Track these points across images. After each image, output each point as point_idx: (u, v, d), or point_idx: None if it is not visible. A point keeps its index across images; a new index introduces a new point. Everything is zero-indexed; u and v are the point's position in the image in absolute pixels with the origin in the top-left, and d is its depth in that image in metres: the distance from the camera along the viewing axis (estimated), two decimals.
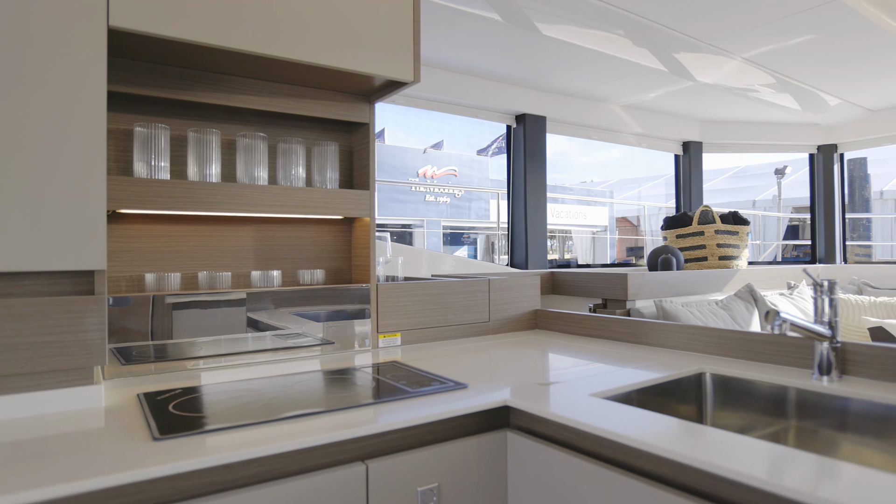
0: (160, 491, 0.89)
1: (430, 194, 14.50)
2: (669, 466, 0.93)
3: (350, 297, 1.78)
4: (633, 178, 19.09)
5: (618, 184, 19.13)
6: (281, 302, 1.67)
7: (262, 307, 1.64)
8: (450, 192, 14.83)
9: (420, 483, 1.09)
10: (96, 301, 1.17)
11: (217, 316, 1.57)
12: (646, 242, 11.24)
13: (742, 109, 3.70)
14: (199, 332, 1.54)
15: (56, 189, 1.12)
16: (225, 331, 1.58)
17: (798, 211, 9.85)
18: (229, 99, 1.60)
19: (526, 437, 1.17)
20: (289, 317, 1.68)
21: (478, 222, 15.19)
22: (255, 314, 1.63)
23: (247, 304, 1.62)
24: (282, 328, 1.67)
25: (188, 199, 1.51)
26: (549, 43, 2.54)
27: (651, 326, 1.77)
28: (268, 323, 1.65)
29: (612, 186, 19.16)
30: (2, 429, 1.03)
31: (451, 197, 15.08)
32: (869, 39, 2.56)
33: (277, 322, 1.66)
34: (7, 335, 1.09)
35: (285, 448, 0.96)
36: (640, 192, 16.65)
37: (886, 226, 8.75)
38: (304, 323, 1.70)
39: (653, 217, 12.54)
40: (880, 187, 9.80)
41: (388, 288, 1.85)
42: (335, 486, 1.00)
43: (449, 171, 15.56)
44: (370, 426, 1.04)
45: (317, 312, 1.73)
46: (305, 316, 1.71)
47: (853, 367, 1.32)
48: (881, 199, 9.79)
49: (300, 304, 1.70)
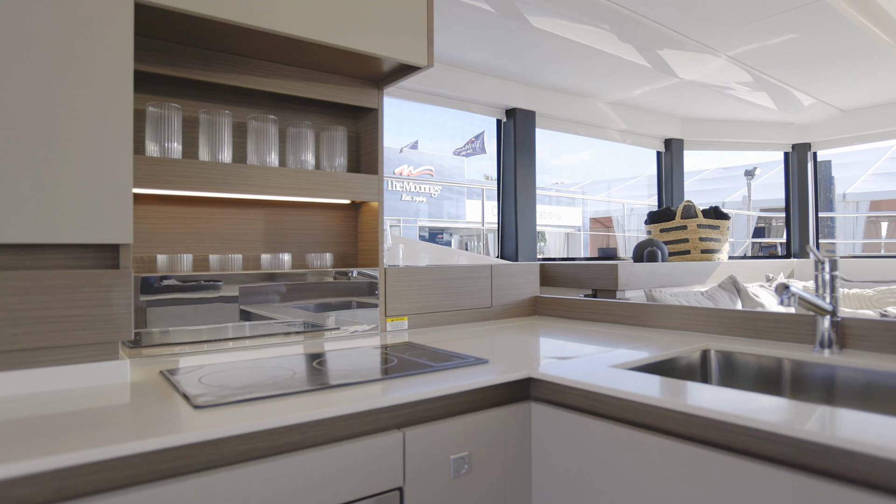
0: (208, 456, 0.90)
1: (406, 193, 14.49)
2: (698, 424, 0.98)
3: (358, 280, 1.79)
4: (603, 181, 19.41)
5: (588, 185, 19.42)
6: (291, 285, 1.67)
7: (274, 289, 1.64)
8: (426, 191, 14.85)
9: (452, 451, 1.12)
10: (122, 275, 1.17)
11: (228, 298, 1.57)
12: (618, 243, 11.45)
13: (721, 108, 3.82)
14: (207, 314, 1.54)
15: (84, 162, 1.11)
16: (232, 313, 1.58)
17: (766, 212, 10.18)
18: (243, 80, 1.60)
19: (549, 406, 1.21)
20: (297, 299, 1.69)
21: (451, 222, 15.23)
22: (264, 296, 1.63)
23: (258, 286, 1.62)
24: (290, 311, 1.67)
25: (202, 180, 1.51)
26: (539, 36, 2.58)
27: (652, 309, 1.83)
28: (276, 305, 1.65)
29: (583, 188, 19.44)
30: (39, 401, 1.02)
31: (427, 197, 15.09)
32: (846, 40, 2.69)
33: (286, 305, 1.66)
34: (36, 307, 1.08)
35: (329, 414, 0.97)
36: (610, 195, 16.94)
37: (849, 225, 9.14)
38: (311, 306, 1.71)
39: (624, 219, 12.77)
40: (843, 190, 10.20)
41: (396, 272, 1.87)
42: (374, 452, 1.02)
43: (425, 170, 15.58)
44: (408, 393, 1.06)
45: (325, 295, 1.73)
46: (313, 299, 1.71)
47: (852, 340, 1.39)
48: (843, 202, 10.19)
49: (310, 287, 1.70)
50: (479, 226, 12.69)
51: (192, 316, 1.51)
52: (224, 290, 1.56)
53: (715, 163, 13.64)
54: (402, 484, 1.05)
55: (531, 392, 1.28)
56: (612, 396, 1.10)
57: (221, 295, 1.55)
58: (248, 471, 0.91)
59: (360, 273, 1.80)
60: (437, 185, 15.37)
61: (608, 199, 15.25)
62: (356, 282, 1.79)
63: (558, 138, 2.94)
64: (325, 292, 1.73)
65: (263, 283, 1.63)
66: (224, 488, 0.88)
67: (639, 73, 3.14)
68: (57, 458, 0.76)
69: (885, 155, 11.97)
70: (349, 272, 1.78)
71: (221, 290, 1.56)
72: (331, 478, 0.98)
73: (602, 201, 16.26)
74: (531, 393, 1.28)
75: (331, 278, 1.75)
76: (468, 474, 1.13)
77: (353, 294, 1.78)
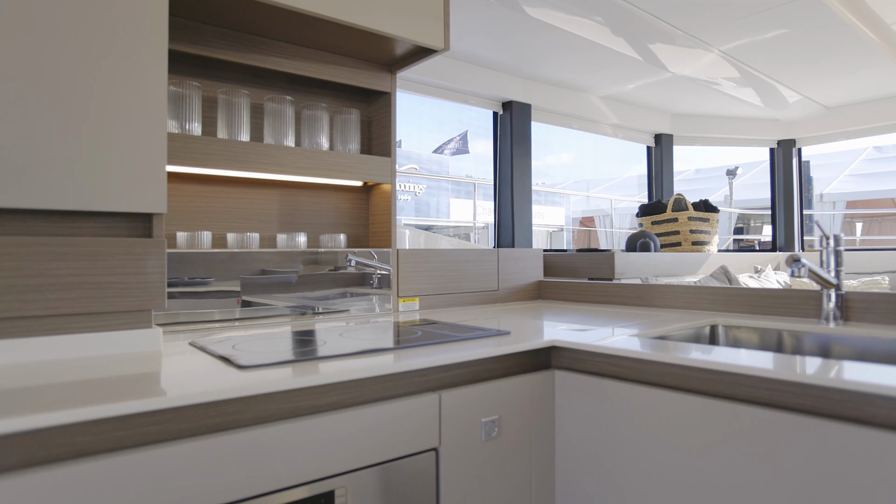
0: (255, 412, 0.92)
1: None
2: (721, 381, 1.02)
3: (371, 261, 1.82)
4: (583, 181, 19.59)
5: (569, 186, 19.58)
6: (306, 264, 1.69)
7: (291, 268, 1.66)
8: (411, 189, 14.86)
9: (483, 415, 1.15)
10: (156, 244, 1.18)
11: (244, 276, 1.58)
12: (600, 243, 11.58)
13: (710, 104, 3.92)
14: (221, 293, 1.55)
15: (121, 132, 1.12)
16: (250, 290, 1.59)
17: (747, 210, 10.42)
18: (263, 60, 1.62)
19: (572, 373, 1.25)
20: (312, 279, 1.71)
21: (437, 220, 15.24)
22: (282, 276, 1.65)
23: (276, 265, 1.63)
24: (305, 290, 1.69)
25: (221, 157, 1.52)
26: (536, 28, 2.62)
27: (657, 289, 1.89)
28: (292, 284, 1.67)
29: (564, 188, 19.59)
30: (80, 365, 1.03)
31: (412, 195, 15.10)
32: (833, 36, 2.78)
33: (301, 284, 1.68)
34: (73, 273, 1.09)
35: (371, 373, 1.00)
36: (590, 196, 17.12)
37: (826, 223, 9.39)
38: (326, 285, 1.73)
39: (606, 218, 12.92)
40: (821, 190, 10.47)
41: (408, 254, 1.90)
42: (413, 411, 1.05)
43: (410, 168, 15.59)
44: (443, 356, 1.09)
45: (339, 275, 1.76)
46: (328, 279, 1.74)
47: (854, 313, 1.46)
48: (821, 202, 10.46)
49: (324, 267, 1.73)
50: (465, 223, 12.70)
51: (207, 295, 1.52)
52: (241, 268, 1.57)
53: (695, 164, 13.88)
54: (437, 445, 1.09)
55: (552, 362, 1.32)
56: (636, 359, 1.14)
57: (235, 271, 1.57)
58: (293, 426, 0.93)
59: (374, 253, 1.82)
60: (421, 184, 15.39)
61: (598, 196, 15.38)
62: (369, 262, 1.81)
63: (537, 140, 2.98)
64: (339, 272, 1.75)
65: (280, 261, 1.64)
66: (269, 444, 0.91)
67: (632, 67, 3.21)
68: (118, 405, 0.78)
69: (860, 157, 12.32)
70: (363, 252, 1.80)
71: (238, 269, 1.57)
72: (371, 437, 1.01)
73: (594, 197, 16.40)
74: (552, 362, 1.32)
75: (344, 259, 1.77)
76: (498, 437, 1.17)
77: (367, 274, 1.81)
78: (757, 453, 0.96)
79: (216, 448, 0.86)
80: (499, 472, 1.17)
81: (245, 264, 1.58)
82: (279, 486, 0.91)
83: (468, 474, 1.13)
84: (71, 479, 0.75)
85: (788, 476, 0.92)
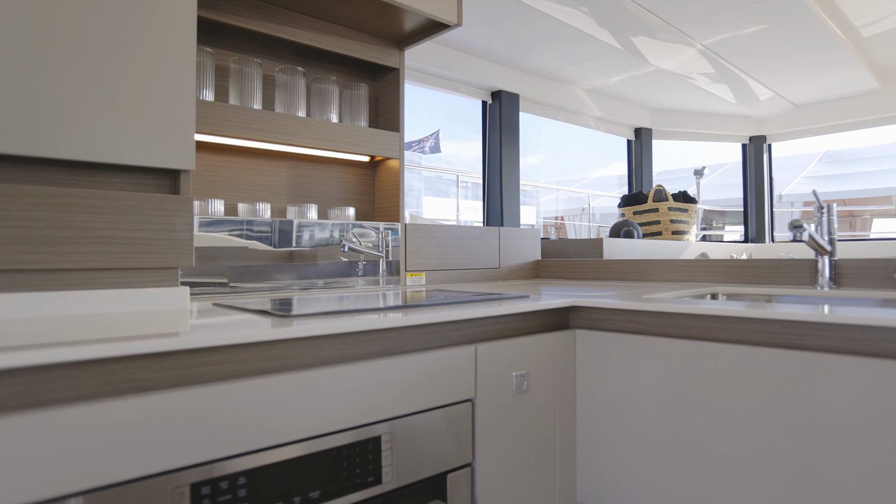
0: (303, 357, 0.93)
1: None
2: (741, 329, 1.08)
3: (379, 235, 1.83)
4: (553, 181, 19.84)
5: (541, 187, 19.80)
6: (315, 236, 1.69)
7: (301, 239, 1.66)
8: None
9: (514, 369, 1.18)
10: (184, 201, 1.17)
11: (254, 246, 1.58)
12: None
13: (687, 100, 4.05)
14: (234, 260, 1.54)
15: (152, 87, 1.11)
16: (261, 258, 1.59)
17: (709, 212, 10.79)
18: (276, 29, 1.61)
19: (592, 331, 1.29)
20: (318, 252, 1.71)
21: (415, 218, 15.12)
22: (288, 248, 1.64)
23: (286, 236, 1.63)
24: (311, 261, 1.69)
25: (234, 125, 1.52)
26: (526, 15, 2.65)
27: (657, 264, 1.96)
28: (304, 253, 1.66)
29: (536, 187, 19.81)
30: (114, 320, 1.02)
31: None
32: (808, 34, 2.92)
33: (308, 256, 1.68)
34: (103, 227, 1.07)
35: (415, 322, 1.02)
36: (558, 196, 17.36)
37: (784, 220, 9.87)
38: (331, 258, 1.73)
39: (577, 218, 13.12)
40: (779, 191, 10.93)
41: (415, 228, 1.92)
42: (453, 361, 1.07)
43: None
44: (478, 310, 1.12)
45: (344, 247, 1.76)
46: (334, 252, 1.74)
47: (846, 279, 1.55)
48: (780, 202, 10.93)
49: (332, 239, 1.73)
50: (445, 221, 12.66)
51: (218, 260, 1.51)
52: (253, 236, 1.57)
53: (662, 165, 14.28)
54: (473, 396, 1.11)
55: (570, 323, 1.36)
56: (657, 312, 1.19)
57: (244, 241, 1.56)
58: (339, 371, 0.94)
59: (384, 228, 1.83)
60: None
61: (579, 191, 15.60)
62: (378, 236, 1.82)
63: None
64: (344, 244, 1.76)
65: (289, 233, 1.64)
66: (317, 388, 0.92)
67: (617, 60, 3.30)
68: (176, 339, 0.78)
69: (814, 160, 12.87)
70: (372, 225, 1.81)
71: (249, 237, 1.56)
72: (413, 386, 1.02)
73: (574, 193, 16.61)
74: (570, 323, 1.36)
75: (352, 232, 1.77)
76: (528, 392, 1.20)
77: (374, 248, 1.82)
78: (787, 393, 1.02)
79: (269, 389, 0.86)
80: (528, 424, 1.21)
81: (255, 233, 1.57)
82: (329, 430, 0.92)
83: (501, 425, 1.16)
84: (134, 412, 0.75)
85: (809, 412, 0.98)
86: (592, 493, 1.28)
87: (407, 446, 1.01)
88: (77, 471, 0.70)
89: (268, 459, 0.85)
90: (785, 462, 1.01)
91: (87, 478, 0.71)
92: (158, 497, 0.75)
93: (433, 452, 1.04)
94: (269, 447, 0.86)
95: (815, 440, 0.98)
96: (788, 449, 1.01)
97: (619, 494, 1.23)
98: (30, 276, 1.01)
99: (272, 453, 0.86)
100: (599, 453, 1.27)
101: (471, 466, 1.11)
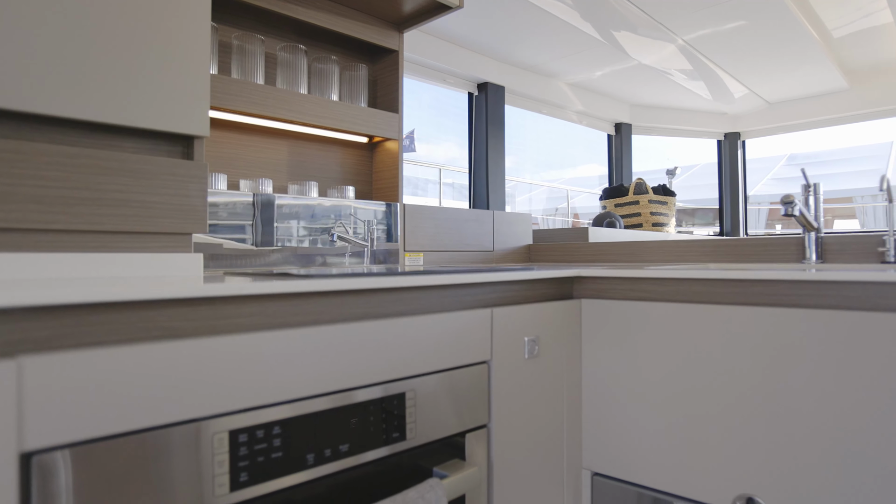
0: (332, 314, 0.94)
1: None
2: (744, 292, 1.13)
3: (377, 214, 1.84)
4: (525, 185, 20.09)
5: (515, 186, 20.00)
6: (316, 214, 1.69)
7: (303, 215, 1.66)
8: None
9: (526, 333, 1.21)
10: (198, 167, 1.17)
11: (257, 223, 1.57)
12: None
13: (665, 96, 4.16)
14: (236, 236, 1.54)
15: (165, 48, 1.11)
16: (263, 237, 1.59)
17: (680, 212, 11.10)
18: (281, 6, 1.62)
19: (596, 300, 1.33)
20: (317, 230, 1.71)
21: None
22: (286, 224, 1.64)
23: (288, 212, 1.63)
24: (310, 237, 1.69)
25: (238, 99, 1.51)
26: (511, 5, 2.70)
27: (649, 245, 2.01)
28: (299, 234, 1.67)
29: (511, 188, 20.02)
30: (140, 279, 1.01)
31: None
32: (784, 31, 3.04)
33: (306, 234, 1.69)
34: (118, 189, 1.07)
35: (444, 282, 1.04)
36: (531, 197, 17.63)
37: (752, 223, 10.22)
38: (334, 236, 1.73)
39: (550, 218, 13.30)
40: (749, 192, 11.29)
41: (413, 209, 1.94)
42: (471, 323, 1.10)
43: None
44: (494, 275, 1.14)
45: (344, 227, 1.77)
46: (332, 230, 1.75)
47: (831, 255, 1.62)
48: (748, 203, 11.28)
49: (330, 220, 1.74)
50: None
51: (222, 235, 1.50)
52: (256, 213, 1.56)
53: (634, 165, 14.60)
54: (489, 358, 1.14)
55: (574, 293, 1.40)
56: (660, 279, 1.24)
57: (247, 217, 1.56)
58: (366, 326, 0.96)
59: (384, 207, 1.85)
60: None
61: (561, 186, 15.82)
62: (376, 214, 1.84)
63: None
64: (346, 223, 1.77)
65: (291, 210, 1.64)
66: (348, 339, 0.93)
67: (599, 54, 3.38)
68: (212, 286, 0.78)
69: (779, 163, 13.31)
70: (371, 204, 1.83)
71: (248, 215, 1.56)
72: (435, 345, 1.04)
73: (556, 188, 16.85)
74: (574, 294, 1.40)
75: (351, 211, 1.78)
76: (538, 356, 1.23)
77: (373, 227, 1.83)
78: (786, 349, 1.07)
79: (301, 341, 0.87)
80: (539, 388, 1.24)
81: (261, 210, 1.57)
82: (358, 384, 0.94)
83: (515, 388, 1.18)
84: (171, 358, 0.75)
85: (808, 367, 1.04)
86: (597, 459, 1.32)
87: (429, 405, 1.03)
88: (118, 415, 0.70)
89: (301, 410, 0.86)
90: (784, 423, 1.06)
91: (128, 420, 0.71)
92: (199, 442, 0.75)
93: (453, 412, 1.07)
94: (302, 398, 0.87)
95: (811, 398, 1.03)
96: (785, 408, 1.06)
97: (624, 461, 1.27)
98: (47, 237, 1.00)
99: (305, 404, 0.87)
100: (604, 420, 1.31)
101: (487, 427, 1.13)
